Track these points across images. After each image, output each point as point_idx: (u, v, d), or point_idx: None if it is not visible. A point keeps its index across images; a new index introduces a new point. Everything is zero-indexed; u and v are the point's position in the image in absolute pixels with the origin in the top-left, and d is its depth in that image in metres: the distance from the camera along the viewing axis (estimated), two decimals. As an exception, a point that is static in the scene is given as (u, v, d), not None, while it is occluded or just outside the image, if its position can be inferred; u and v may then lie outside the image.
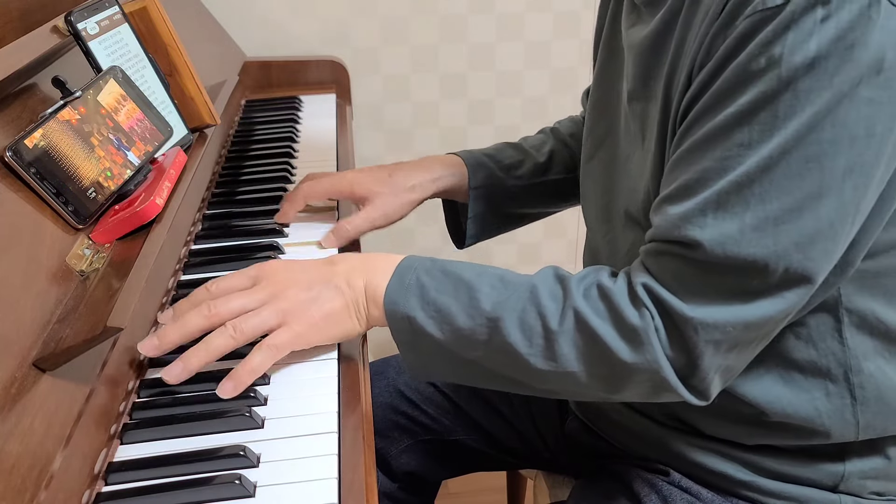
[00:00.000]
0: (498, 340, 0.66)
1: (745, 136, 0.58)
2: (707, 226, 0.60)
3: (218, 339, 0.67)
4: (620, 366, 0.63)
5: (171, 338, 0.67)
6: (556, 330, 0.64)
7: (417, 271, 0.70)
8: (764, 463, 0.74)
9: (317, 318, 0.69)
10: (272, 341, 0.68)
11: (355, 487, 0.59)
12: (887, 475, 0.74)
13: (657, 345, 0.62)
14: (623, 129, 0.79)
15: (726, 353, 0.62)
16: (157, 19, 0.90)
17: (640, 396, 0.66)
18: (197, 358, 0.67)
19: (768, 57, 0.57)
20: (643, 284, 0.63)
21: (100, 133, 0.74)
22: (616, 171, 0.80)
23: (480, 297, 0.67)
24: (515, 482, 1.24)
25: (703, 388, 0.64)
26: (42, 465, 0.52)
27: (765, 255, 0.59)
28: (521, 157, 1.02)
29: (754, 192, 0.58)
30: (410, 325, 0.68)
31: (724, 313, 0.60)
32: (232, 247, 0.91)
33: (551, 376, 0.66)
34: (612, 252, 0.80)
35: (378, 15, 1.56)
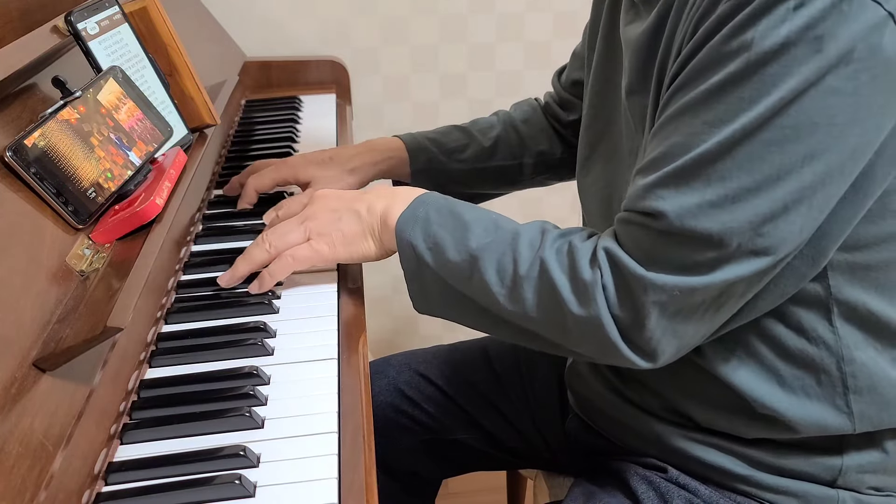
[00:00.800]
0: (477, 278, 0.70)
1: (712, 114, 0.60)
2: (669, 197, 0.62)
3: (255, 250, 0.80)
4: (571, 318, 0.66)
5: (243, 270, 0.81)
6: (523, 275, 0.68)
7: (429, 206, 0.75)
8: (762, 457, 0.74)
9: (335, 238, 0.78)
10: (293, 252, 0.78)
11: (355, 487, 0.59)
12: (885, 469, 0.74)
13: (601, 301, 0.65)
14: (623, 123, 0.79)
15: (672, 315, 0.64)
16: (157, 19, 0.90)
17: (593, 352, 0.69)
18: (241, 266, 0.80)
19: (740, 40, 0.58)
20: (605, 248, 0.66)
21: (100, 133, 0.74)
22: (619, 165, 0.81)
23: (470, 236, 0.71)
24: (515, 482, 1.24)
25: (650, 350, 0.66)
26: (42, 465, 0.52)
27: (720, 231, 0.61)
28: (467, 141, 1.04)
29: (716, 170, 0.60)
30: (413, 253, 0.73)
31: (674, 278, 0.63)
32: (232, 247, 0.91)
33: (517, 319, 0.70)
34: None
35: (378, 15, 1.56)
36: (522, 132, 1.06)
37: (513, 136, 1.06)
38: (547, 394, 0.96)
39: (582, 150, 0.88)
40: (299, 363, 0.72)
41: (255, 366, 0.70)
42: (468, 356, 1.01)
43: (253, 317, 0.78)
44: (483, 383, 0.98)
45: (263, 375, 0.70)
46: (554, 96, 1.08)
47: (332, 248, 0.79)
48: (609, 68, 0.84)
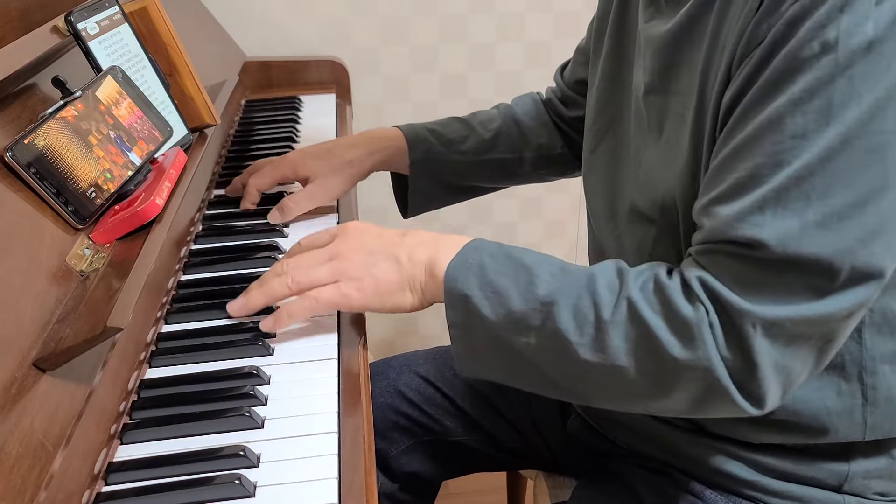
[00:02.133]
0: (550, 326, 0.64)
1: (800, 126, 0.56)
2: (766, 224, 0.57)
3: (274, 282, 0.73)
4: (671, 362, 0.60)
5: (258, 301, 0.74)
6: (609, 320, 0.62)
7: (482, 252, 0.69)
8: (768, 462, 0.74)
9: (367, 285, 0.71)
10: (315, 293, 0.71)
11: (355, 487, 0.59)
12: (891, 475, 0.74)
13: (710, 341, 0.59)
14: (633, 120, 0.78)
15: (783, 348, 0.59)
16: (157, 19, 0.90)
17: (688, 403, 0.63)
18: (255, 296, 0.74)
19: (822, 41, 0.54)
20: (699, 278, 0.61)
21: (99, 132, 0.74)
22: (622, 164, 0.80)
23: (538, 283, 0.65)
24: (515, 482, 1.24)
25: (760, 393, 0.60)
26: (42, 465, 0.52)
27: (829, 254, 0.56)
28: (467, 133, 1.03)
29: (815, 187, 0.56)
30: (465, 305, 0.67)
31: (785, 310, 0.58)
32: (232, 247, 0.91)
33: (598, 371, 0.63)
34: (618, 249, 0.80)
35: (378, 15, 1.56)
36: (523, 126, 1.05)
37: (513, 129, 1.04)
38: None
39: (584, 149, 0.88)
40: (299, 363, 0.72)
41: (255, 366, 0.70)
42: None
43: (252, 316, 0.78)
44: (483, 384, 0.98)
45: (263, 375, 0.70)
46: (556, 92, 1.07)
47: (362, 295, 0.71)
48: (618, 66, 0.83)
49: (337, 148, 0.99)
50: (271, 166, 0.98)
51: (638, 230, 0.76)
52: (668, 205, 0.71)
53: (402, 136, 1.01)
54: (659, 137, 0.73)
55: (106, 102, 0.76)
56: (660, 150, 0.72)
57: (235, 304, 0.76)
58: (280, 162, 0.99)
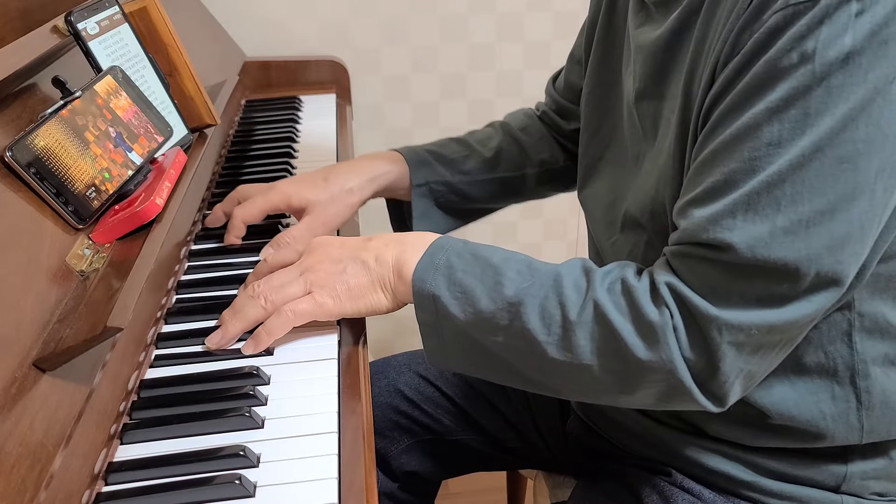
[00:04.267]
0: (517, 326, 0.65)
1: (775, 134, 0.57)
2: (736, 227, 0.58)
3: (250, 309, 0.72)
4: (635, 363, 0.62)
5: (235, 329, 0.72)
6: (575, 320, 0.63)
7: (448, 252, 0.69)
8: (766, 463, 0.74)
9: (339, 291, 0.71)
10: (294, 307, 0.71)
11: (355, 487, 0.59)
12: (889, 475, 0.74)
13: (673, 343, 0.61)
14: (628, 128, 0.78)
15: (748, 356, 0.60)
16: (157, 19, 0.90)
17: (654, 399, 0.65)
18: (233, 325, 0.72)
19: (801, 52, 0.55)
20: (667, 283, 0.62)
21: (99, 132, 0.74)
22: (624, 171, 0.80)
23: (505, 282, 0.66)
24: (515, 482, 1.24)
25: (722, 394, 0.62)
26: (42, 465, 0.52)
27: (796, 259, 0.57)
28: (466, 153, 1.00)
29: (785, 193, 0.57)
30: (434, 305, 0.68)
31: (750, 316, 0.59)
32: (232, 247, 0.91)
33: (566, 368, 0.64)
34: (615, 255, 0.80)
35: (378, 15, 1.56)
36: (522, 141, 1.02)
37: (513, 146, 1.02)
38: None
39: (588, 157, 0.87)
40: (299, 363, 0.72)
41: (255, 366, 0.70)
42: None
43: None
44: (483, 383, 0.98)
45: (263, 375, 0.70)
46: (550, 105, 1.05)
47: (336, 302, 0.71)
48: (608, 72, 0.83)
49: (334, 176, 0.93)
50: (261, 196, 0.90)
51: (632, 236, 0.76)
52: (657, 210, 0.71)
53: (403, 160, 0.97)
54: (653, 144, 0.73)
55: (106, 102, 0.76)
56: (653, 156, 0.73)
57: (213, 337, 0.72)
58: (270, 191, 0.90)
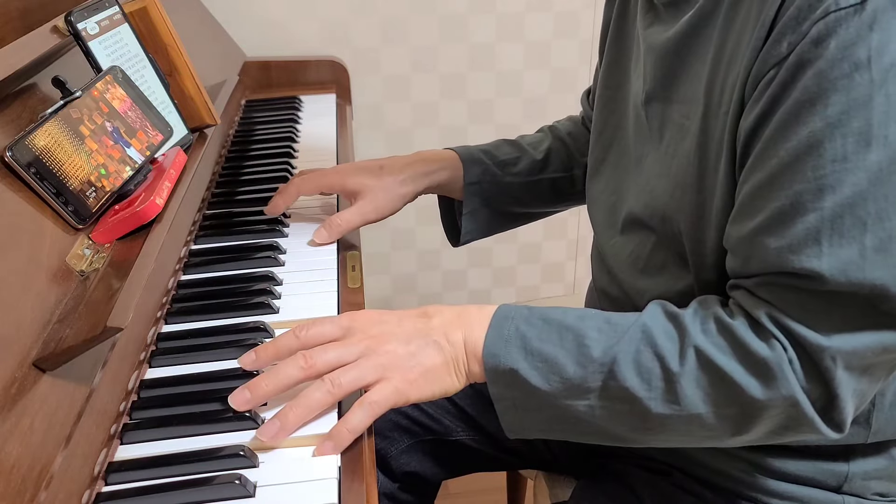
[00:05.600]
0: (613, 387, 0.62)
1: (839, 149, 0.54)
2: (823, 254, 0.56)
3: (315, 394, 0.63)
4: (751, 403, 0.59)
5: (266, 390, 0.64)
6: (678, 371, 0.60)
7: (516, 321, 0.66)
8: (768, 462, 0.74)
9: (416, 375, 0.65)
10: (373, 398, 0.64)
11: (355, 487, 0.59)
12: (891, 476, 0.74)
13: (792, 377, 0.58)
14: (633, 128, 0.78)
15: (860, 376, 0.59)
16: (157, 19, 0.90)
17: (768, 433, 0.62)
18: (295, 414, 0.63)
19: (853, 61, 0.53)
20: (768, 315, 0.59)
21: (99, 133, 0.74)
22: (626, 172, 0.80)
23: (589, 343, 0.63)
24: (515, 482, 1.24)
25: (841, 420, 0.60)
26: (42, 465, 0.52)
27: (893, 277, 0.55)
28: (518, 154, 1.01)
29: (869, 211, 0.54)
30: (513, 379, 0.64)
31: (861, 340, 0.57)
32: (232, 247, 0.91)
33: (673, 421, 0.62)
34: (615, 256, 0.80)
35: (378, 15, 1.56)
36: (570, 144, 1.03)
37: (562, 148, 1.03)
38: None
39: (592, 158, 0.87)
40: (299, 363, 0.72)
41: (255, 366, 0.70)
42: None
43: (253, 317, 0.78)
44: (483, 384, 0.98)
45: (263, 375, 0.69)
46: (585, 114, 1.06)
47: (414, 387, 0.65)
48: (617, 74, 0.83)
49: (390, 166, 0.94)
50: (318, 173, 0.94)
51: (634, 237, 0.76)
52: (669, 214, 0.70)
53: (457, 157, 0.98)
54: (659, 146, 0.73)
55: (106, 102, 0.76)
56: (660, 158, 0.72)
57: (270, 429, 0.62)
58: (330, 172, 0.95)
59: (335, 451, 0.62)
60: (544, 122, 1.11)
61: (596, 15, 1.63)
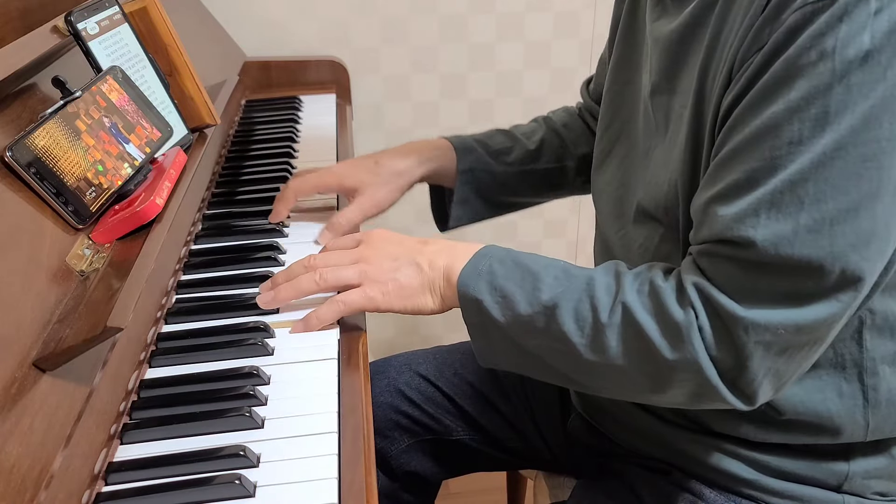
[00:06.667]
0: (554, 329, 0.67)
1: (796, 132, 0.57)
2: (760, 225, 0.58)
3: (304, 280, 0.76)
4: (663, 363, 0.63)
5: (278, 280, 0.78)
6: (605, 322, 0.65)
7: (491, 259, 0.72)
8: (768, 461, 0.74)
9: (391, 288, 0.74)
10: (342, 297, 0.75)
11: (355, 487, 0.59)
12: (891, 475, 0.74)
13: (698, 343, 0.61)
14: (642, 121, 0.79)
15: (776, 356, 0.61)
16: (157, 19, 0.90)
17: (685, 398, 0.65)
18: (286, 291, 0.76)
19: (820, 50, 0.55)
20: (694, 283, 0.62)
21: (99, 133, 0.74)
22: (633, 165, 0.80)
23: (542, 287, 0.68)
24: (515, 482, 1.24)
25: (751, 392, 0.62)
26: (42, 465, 0.52)
27: (820, 257, 0.57)
28: (511, 144, 1.02)
29: (808, 192, 0.57)
30: (478, 308, 0.70)
31: (777, 315, 0.59)
32: (232, 247, 0.91)
33: (600, 369, 0.66)
34: (624, 247, 0.80)
35: (378, 15, 1.56)
36: (564, 136, 1.04)
37: (555, 139, 1.04)
38: (548, 394, 0.96)
39: (598, 151, 0.88)
40: (299, 363, 0.72)
41: (255, 366, 0.70)
42: (468, 357, 1.01)
43: (253, 317, 0.78)
44: (483, 383, 0.98)
45: (263, 375, 0.70)
46: (584, 106, 1.07)
47: (386, 298, 0.74)
48: (628, 69, 0.83)
49: (384, 159, 0.97)
50: (315, 174, 0.96)
51: (643, 229, 0.76)
52: (671, 203, 0.71)
53: (450, 146, 1.00)
54: (664, 137, 0.73)
55: (106, 102, 0.76)
56: (664, 150, 0.73)
57: (265, 296, 0.77)
58: (326, 171, 0.96)
59: (304, 330, 0.75)
60: (544, 122, 1.11)
61: (596, 15, 1.63)
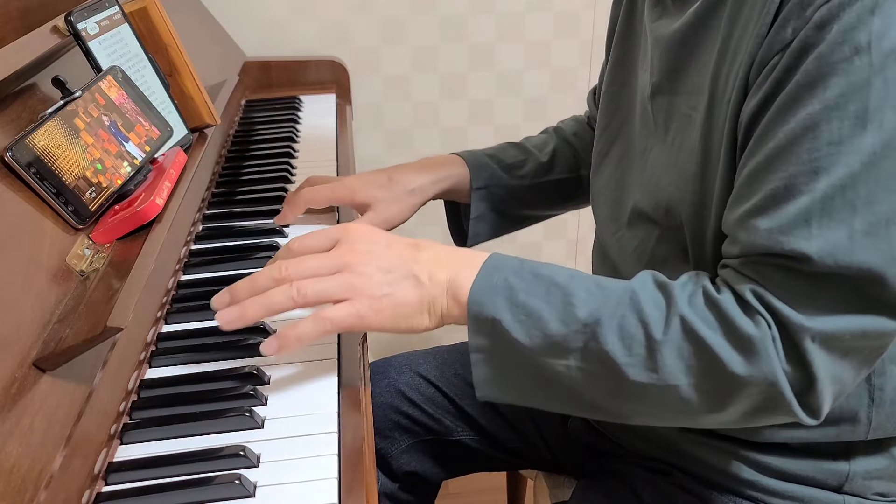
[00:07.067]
0: (594, 348, 0.61)
1: (835, 132, 0.54)
2: (813, 236, 0.55)
3: (278, 295, 0.63)
4: (731, 379, 0.58)
5: (241, 296, 0.64)
6: (660, 339, 0.59)
7: (505, 271, 0.64)
8: (768, 462, 0.74)
9: (384, 306, 0.64)
10: (329, 314, 0.63)
11: (355, 487, 0.59)
12: (892, 475, 0.74)
13: (774, 356, 0.58)
14: (639, 122, 0.78)
15: (839, 360, 0.58)
16: (157, 19, 0.90)
17: (742, 414, 0.61)
18: (254, 309, 0.62)
19: (854, 45, 0.53)
20: (752, 291, 0.59)
21: (100, 132, 0.74)
22: (630, 166, 0.80)
23: (576, 302, 0.62)
24: (515, 482, 1.24)
25: (817, 405, 0.59)
26: (42, 465, 0.52)
27: (881, 262, 0.55)
28: (524, 157, 1.01)
29: (860, 194, 0.54)
30: (493, 328, 0.63)
31: (843, 322, 0.57)
32: (232, 247, 0.91)
33: (649, 390, 0.61)
34: (620, 250, 0.80)
35: (378, 15, 1.56)
36: (575, 145, 1.04)
37: (567, 149, 1.03)
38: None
39: (595, 152, 0.88)
40: (299, 363, 0.72)
41: (255, 366, 0.70)
42: (468, 357, 1.01)
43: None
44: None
45: (263, 375, 0.70)
46: (592, 115, 1.06)
47: (378, 316, 0.64)
48: (625, 70, 0.83)
49: (398, 176, 0.95)
50: (328, 186, 0.93)
51: (639, 231, 0.76)
52: (672, 206, 0.70)
53: (464, 163, 0.98)
54: (665, 138, 0.73)
55: (105, 99, 0.76)
56: (665, 150, 0.72)
57: (228, 314, 0.63)
58: (338, 184, 0.93)
59: (277, 350, 0.62)
60: (544, 122, 1.11)
61: (596, 15, 1.63)
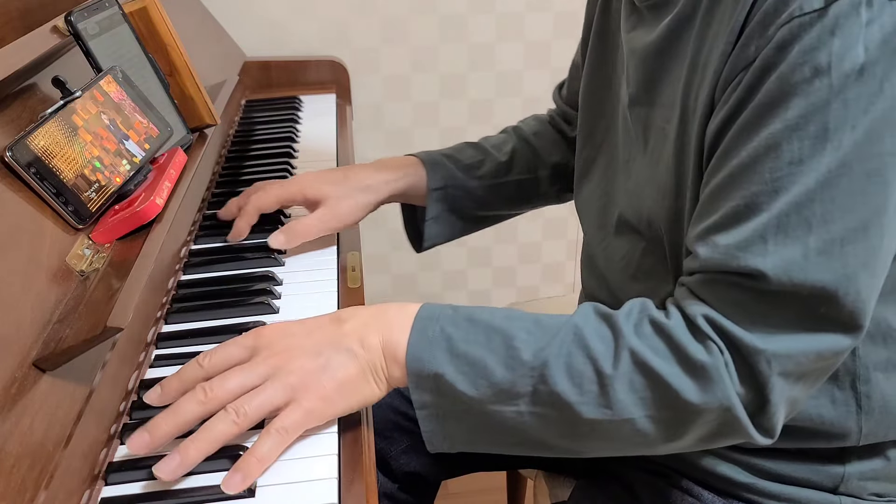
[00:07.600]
0: (543, 390, 0.59)
1: (795, 152, 0.54)
2: (768, 253, 0.55)
3: (219, 425, 0.58)
4: (686, 407, 0.58)
5: (164, 429, 0.59)
6: (611, 374, 0.58)
7: (441, 321, 0.62)
8: (764, 465, 0.74)
9: (329, 390, 0.61)
10: (282, 423, 0.59)
11: (355, 487, 0.59)
12: (887, 476, 0.74)
13: (728, 381, 0.57)
14: (622, 131, 0.78)
15: (794, 383, 0.58)
16: (157, 19, 0.90)
17: (698, 440, 0.61)
18: (196, 449, 0.57)
19: (814, 66, 0.53)
20: (704, 316, 0.58)
21: (99, 132, 0.74)
22: (615, 174, 0.80)
23: (518, 345, 0.60)
24: (515, 482, 1.24)
25: (771, 425, 0.59)
26: (42, 465, 0.52)
27: (834, 280, 0.55)
28: (482, 157, 1.00)
29: (815, 212, 0.54)
30: (437, 383, 0.60)
31: (797, 343, 0.56)
32: (232, 246, 0.91)
33: (604, 426, 0.59)
34: (607, 260, 0.80)
35: (378, 15, 1.56)
36: (535, 145, 1.02)
37: (527, 149, 1.02)
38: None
39: (582, 159, 0.87)
40: (299, 363, 0.72)
41: (255, 366, 0.70)
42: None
43: (253, 317, 0.78)
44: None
45: (263, 375, 0.69)
46: (557, 112, 1.06)
47: (328, 404, 0.61)
48: (603, 74, 0.83)
49: (352, 173, 0.93)
50: (277, 184, 0.91)
51: (626, 242, 0.76)
52: (653, 219, 0.70)
53: (420, 164, 0.96)
54: (645, 150, 0.73)
55: (104, 96, 0.76)
56: (646, 163, 0.72)
57: (169, 464, 0.57)
58: (288, 183, 0.92)
59: (243, 483, 0.57)
60: (544, 122, 1.11)
61: (596, 15, 1.63)
